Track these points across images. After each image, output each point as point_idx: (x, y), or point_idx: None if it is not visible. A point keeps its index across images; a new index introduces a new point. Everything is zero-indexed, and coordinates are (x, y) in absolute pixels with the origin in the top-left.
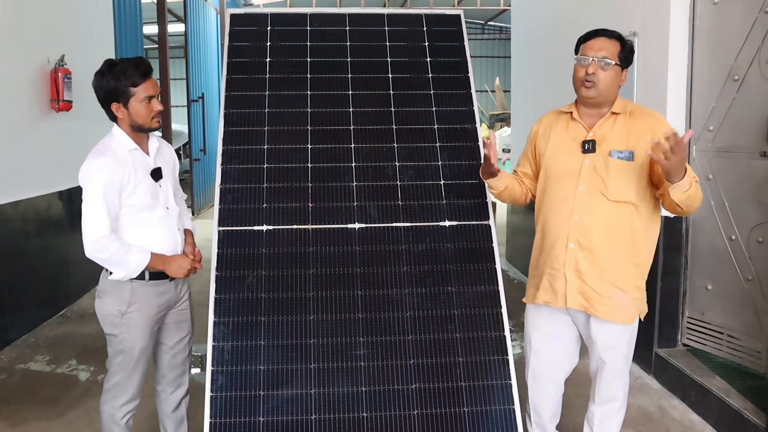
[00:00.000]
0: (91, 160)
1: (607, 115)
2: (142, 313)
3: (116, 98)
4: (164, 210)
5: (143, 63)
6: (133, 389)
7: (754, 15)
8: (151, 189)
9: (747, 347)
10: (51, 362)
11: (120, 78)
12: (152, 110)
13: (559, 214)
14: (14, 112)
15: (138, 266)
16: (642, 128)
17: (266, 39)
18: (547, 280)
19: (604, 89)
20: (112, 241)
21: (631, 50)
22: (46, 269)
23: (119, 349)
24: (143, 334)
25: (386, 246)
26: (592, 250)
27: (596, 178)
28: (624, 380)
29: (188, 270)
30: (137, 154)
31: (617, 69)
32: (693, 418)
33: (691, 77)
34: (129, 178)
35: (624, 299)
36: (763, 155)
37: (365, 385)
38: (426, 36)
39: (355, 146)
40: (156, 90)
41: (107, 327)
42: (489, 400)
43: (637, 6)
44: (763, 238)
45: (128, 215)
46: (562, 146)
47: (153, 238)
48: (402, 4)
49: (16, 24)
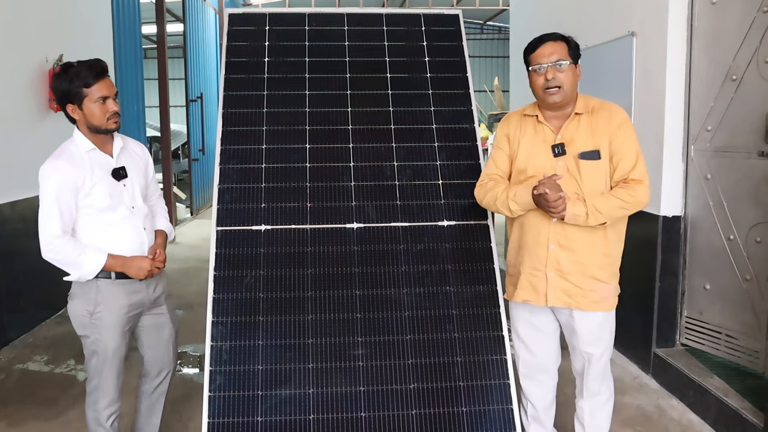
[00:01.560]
0: (47, 164)
1: (571, 116)
2: (111, 312)
3: (71, 99)
4: (128, 210)
5: (98, 64)
6: (111, 391)
7: (752, 15)
8: (111, 189)
9: (745, 347)
10: (49, 362)
11: (73, 79)
12: (107, 111)
13: (537, 216)
14: (12, 112)
15: (93, 268)
16: (602, 124)
17: (265, 39)
18: (527, 279)
19: (569, 90)
20: (65, 243)
21: (576, 46)
22: (45, 270)
23: (92, 350)
24: (113, 334)
25: (384, 246)
26: (573, 249)
27: (571, 181)
28: (607, 371)
29: (148, 271)
30: (95, 155)
31: (572, 67)
32: (691, 418)
33: (689, 77)
34: (84, 179)
35: (606, 289)
36: (761, 155)
37: (363, 385)
38: (424, 36)
39: (353, 146)
40: (111, 91)
41: (78, 329)
42: (487, 400)
43: (635, 6)
44: (761, 238)
45: (87, 216)
46: (533, 150)
47: (116, 238)
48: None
49: (14, 24)
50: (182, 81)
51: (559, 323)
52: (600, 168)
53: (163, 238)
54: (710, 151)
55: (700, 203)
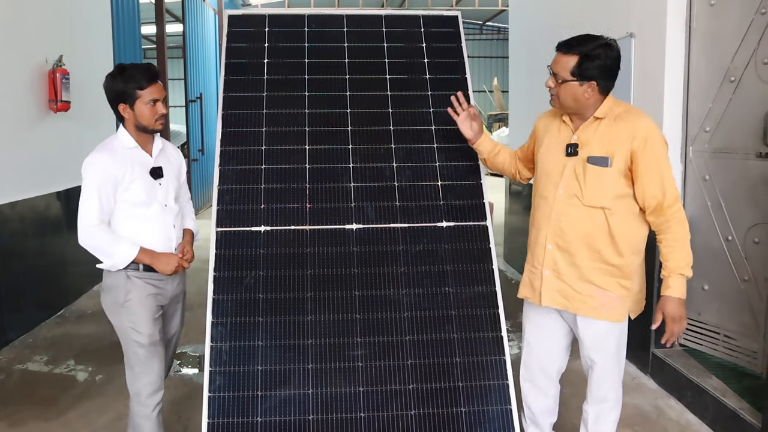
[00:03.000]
0: (91, 155)
1: (590, 119)
2: (140, 300)
3: (123, 99)
4: (161, 207)
5: (152, 69)
6: (154, 377)
7: (750, 16)
8: (148, 186)
9: (743, 347)
10: (49, 363)
11: (128, 81)
12: (156, 113)
13: (541, 214)
14: (12, 113)
15: (124, 258)
16: (622, 134)
17: (264, 40)
18: (527, 276)
19: (564, 102)
20: (101, 231)
21: (594, 62)
22: (44, 270)
23: (128, 339)
24: (146, 321)
25: (384, 247)
26: (570, 251)
27: (574, 182)
28: (615, 379)
29: (175, 267)
30: (137, 152)
31: (574, 84)
32: (689, 418)
33: (687, 78)
34: (125, 174)
35: (609, 297)
36: (760, 156)
37: (363, 386)
38: (423, 37)
39: (352, 147)
40: (161, 94)
41: (113, 318)
42: (486, 400)
43: (634, 7)
44: (759, 239)
45: (123, 209)
46: (551, 148)
47: (146, 232)
48: (400, 4)
49: (14, 24)
50: (182, 81)
51: (567, 325)
52: (606, 176)
53: (191, 237)
54: (708, 152)
55: (699, 204)
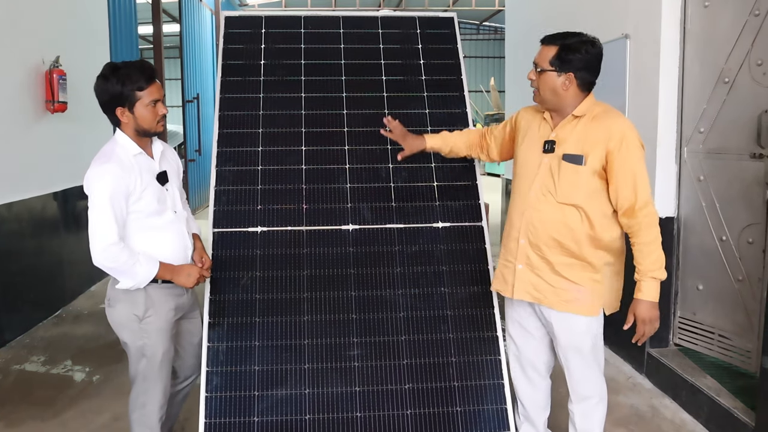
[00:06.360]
0: (96, 167)
1: (569, 117)
2: (160, 316)
3: (121, 102)
4: (172, 214)
5: (149, 67)
6: (160, 395)
7: (744, 18)
8: (158, 193)
9: (737, 347)
10: (46, 363)
11: (125, 82)
12: (158, 114)
13: (515, 209)
14: (9, 114)
15: (146, 277)
16: (599, 134)
17: (261, 41)
18: (500, 270)
19: (544, 95)
20: (121, 250)
21: (573, 50)
22: (41, 270)
23: (140, 355)
24: (163, 338)
25: (380, 247)
26: (540, 247)
27: (549, 179)
28: (595, 375)
29: (197, 279)
30: (142, 159)
31: (552, 74)
32: (684, 417)
33: (682, 79)
34: (135, 183)
35: (581, 291)
36: (753, 156)
37: (359, 385)
38: (419, 38)
39: (348, 148)
40: (161, 93)
41: (125, 334)
42: (481, 400)
43: (628, 8)
44: (753, 239)
45: (136, 221)
46: (530, 144)
47: (162, 242)
48: (397, 5)
49: (11, 25)
50: (179, 81)
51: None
52: (579, 174)
53: (201, 242)
54: (703, 153)
55: (693, 204)
